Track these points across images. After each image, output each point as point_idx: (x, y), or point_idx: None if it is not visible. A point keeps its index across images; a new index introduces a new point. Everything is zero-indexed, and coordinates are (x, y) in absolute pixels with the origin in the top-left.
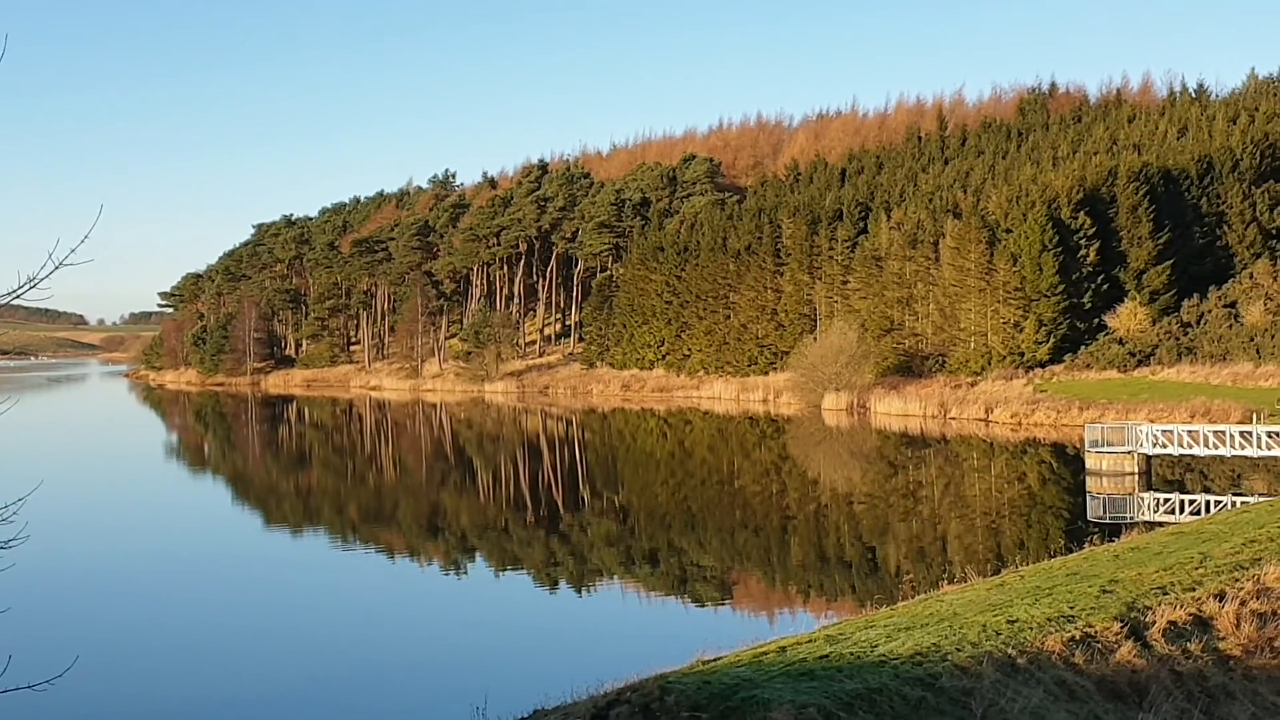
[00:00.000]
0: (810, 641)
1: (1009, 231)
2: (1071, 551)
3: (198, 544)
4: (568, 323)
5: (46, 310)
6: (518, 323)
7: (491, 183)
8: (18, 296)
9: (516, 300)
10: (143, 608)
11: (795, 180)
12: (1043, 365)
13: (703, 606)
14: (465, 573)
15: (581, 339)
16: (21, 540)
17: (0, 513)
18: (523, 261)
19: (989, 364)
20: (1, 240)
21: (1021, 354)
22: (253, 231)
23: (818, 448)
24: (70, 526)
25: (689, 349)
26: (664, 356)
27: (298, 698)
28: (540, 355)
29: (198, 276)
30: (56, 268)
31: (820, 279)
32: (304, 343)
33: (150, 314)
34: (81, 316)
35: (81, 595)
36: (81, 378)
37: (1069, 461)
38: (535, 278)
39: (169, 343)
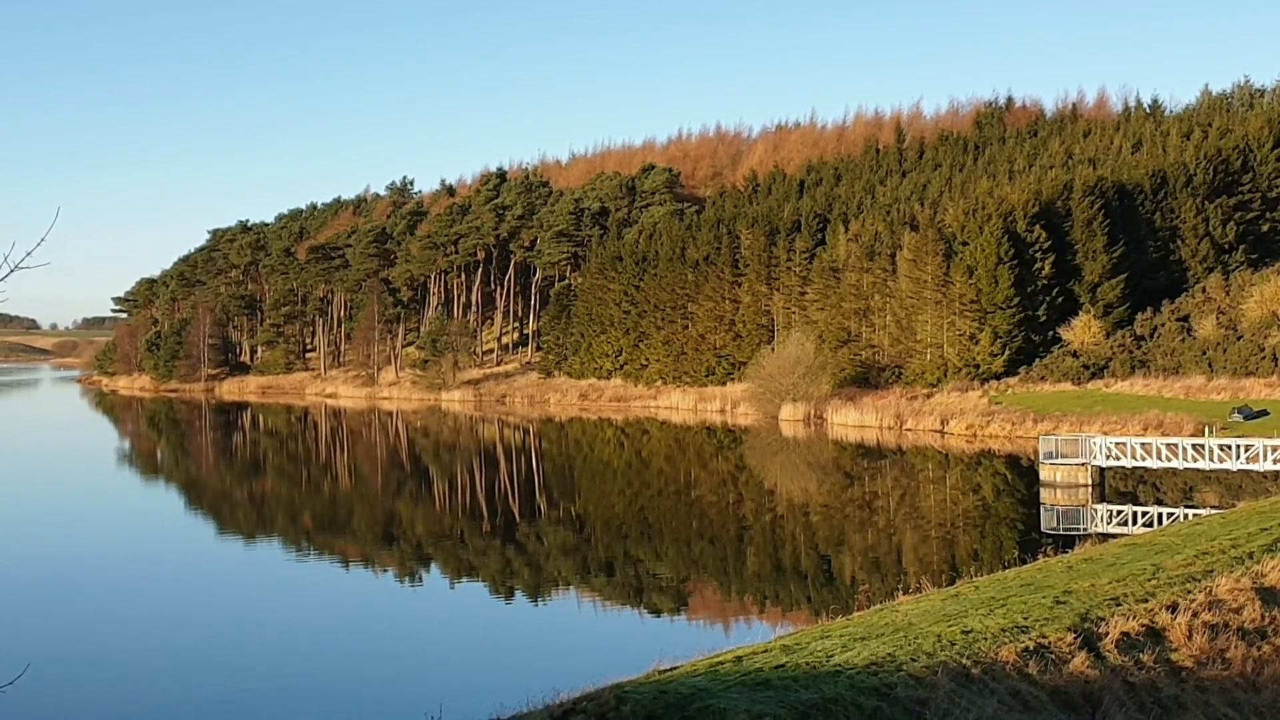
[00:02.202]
0: (766, 651)
1: (965, 244)
2: (1025, 562)
3: (150, 552)
4: (525, 331)
5: None
6: (475, 331)
7: (450, 190)
8: None
9: (474, 308)
10: (94, 616)
11: (754, 191)
12: (998, 377)
13: (659, 616)
14: (420, 582)
15: (539, 348)
16: None
17: None
18: (480, 270)
19: (945, 376)
20: None
21: (977, 366)
22: (208, 237)
23: (774, 458)
24: (19, 533)
25: (647, 359)
26: (622, 366)
27: (250, 707)
28: (497, 364)
29: (152, 282)
30: (12, 271)
31: (778, 290)
32: (259, 349)
33: (104, 319)
34: (34, 321)
35: (32, 603)
36: (33, 383)
37: (1023, 473)
38: (493, 286)
39: (122, 348)
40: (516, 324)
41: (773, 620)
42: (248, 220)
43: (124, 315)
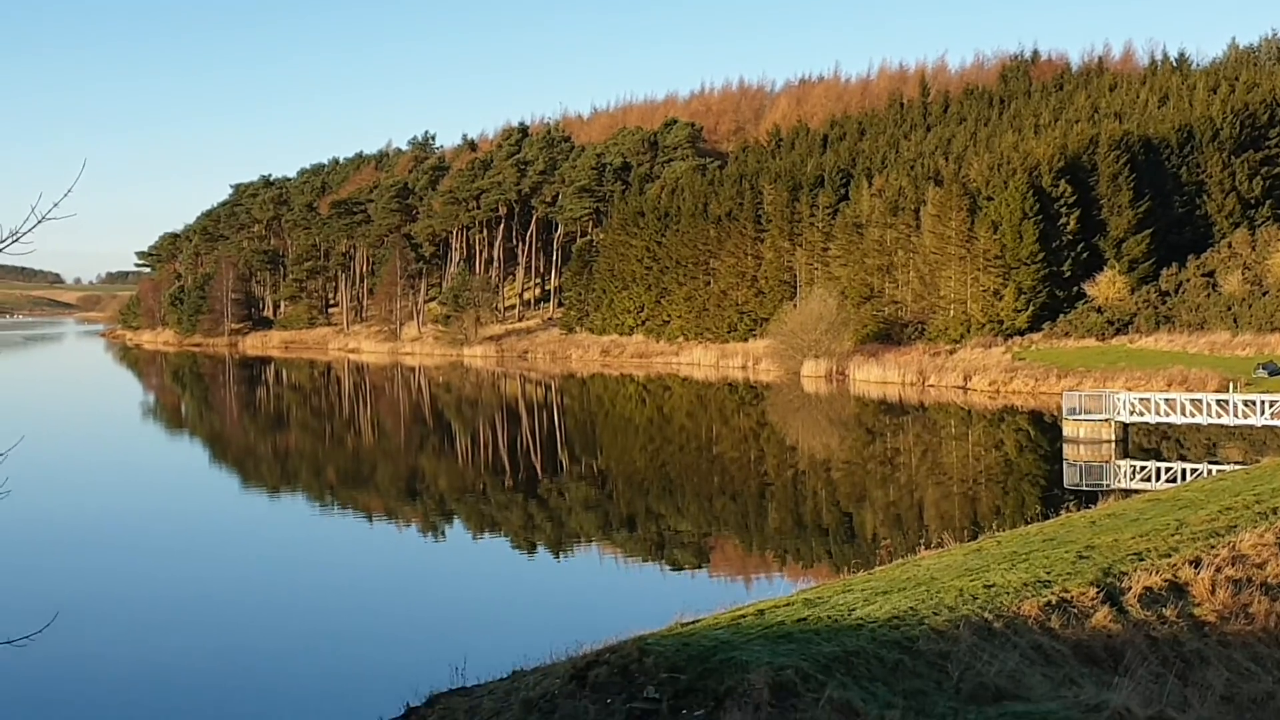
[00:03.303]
0: (788, 605)
1: (990, 199)
2: (1048, 518)
3: (174, 505)
4: (547, 287)
5: (22, 269)
6: (497, 287)
7: (471, 145)
8: (3, 249)
9: (496, 264)
10: (119, 567)
11: (777, 146)
12: (1021, 333)
13: (681, 571)
14: (443, 536)
15: (561, 304)
16: (0, 495)
17: None
18: (502, 225)
19: (968, 332)
20: None
21: (1001, 322)
22: (231, 192)
23: (796, 414)
24: (46, 484)
25: (669, 315)
26: (644, 322)
27: (274, 657)
28: (519, 320)
29: (175, 236)
30: (40, 221)
31: (801, 246)
32: (282, 304)
33: (127, 274)
34: (58, 275)
35: (59, 553)
36: (58, 337)
37: (1046, 429)
38: (515, 242)
39: (146, 303)
40: (538, 280)
41: (794, 575)
42: (270, 175)
43: (147, 269)
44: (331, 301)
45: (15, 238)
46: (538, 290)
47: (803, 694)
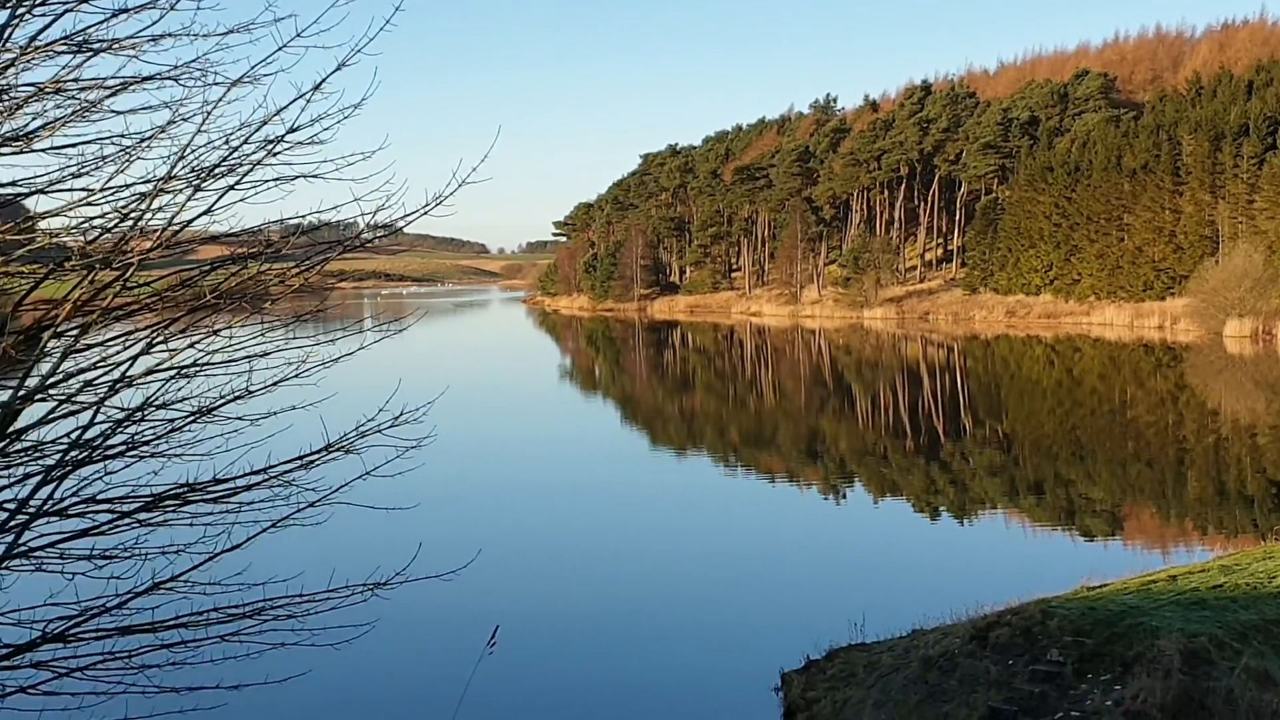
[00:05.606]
0: (1203, 571)
1: None
2: None
3: (587, 460)
4: (949, 248)
5: (452, 240)
6: (898, 248)
7: (873, 106)
8: (427, 212)
9: (896, 225)
10: (535, 513)
11: (1197, 94)
12: None
13: (1089, 538)
14: (844, 498)
15: (964, 264)
16: (431, 440)
17: (412, 414)
18: (903, 185)
19: None
20: (417, 170)
21: None
22: (640, 161)
23: (1218, 377)
24: (474, 437)
25: (1078, 273)
26: (1051, 281)
27: (681, 604)
28: (920, 281)
29: (588, 206)
30: (460, 185)
31: (1223, 199)
32: (687, 270)
33: (545, 243)
34: (483, 245)
35: (480, 497)
36: (483, 303)
37: None
38: (916, 202)
39: (562, 270)
40: (940, 240)
41: (1213, 545)
42: (676, 144)
43: (563, 239)
44: (734, 266)
45: (439, 200)
46: (939, 251)
47: (1216, 662)
